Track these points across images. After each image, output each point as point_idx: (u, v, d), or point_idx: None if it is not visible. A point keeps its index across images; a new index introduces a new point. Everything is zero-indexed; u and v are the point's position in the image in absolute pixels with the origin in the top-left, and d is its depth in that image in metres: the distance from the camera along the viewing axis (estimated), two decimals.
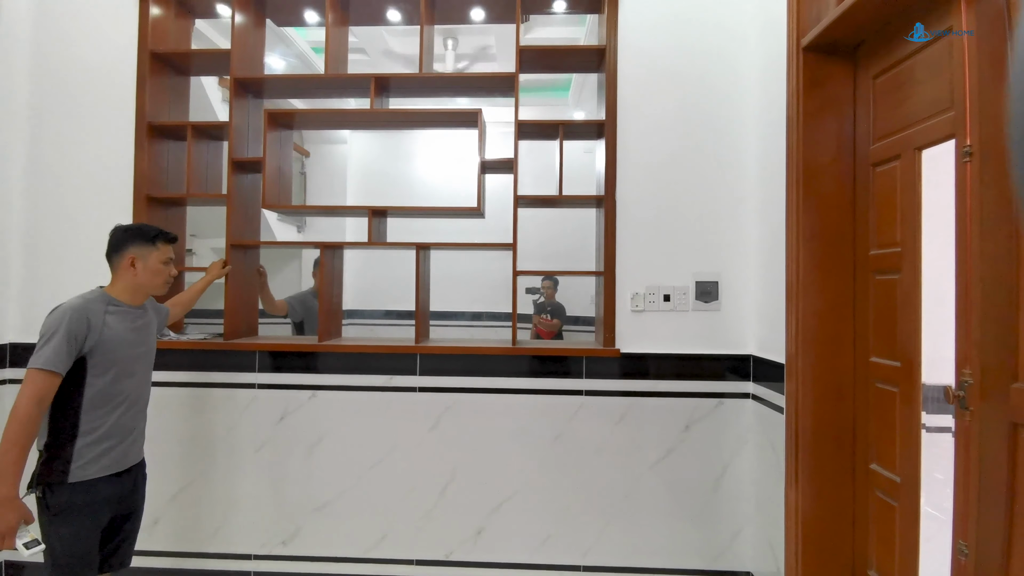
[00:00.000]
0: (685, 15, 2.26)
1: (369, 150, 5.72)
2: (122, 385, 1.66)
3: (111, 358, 1.62)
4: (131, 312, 1.72)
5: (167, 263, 1.77)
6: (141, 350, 1.74)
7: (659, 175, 2.25)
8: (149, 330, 1.80)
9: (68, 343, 1.53)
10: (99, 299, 1.66)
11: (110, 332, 1.62)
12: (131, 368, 1.69)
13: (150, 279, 1.73)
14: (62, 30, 2.40)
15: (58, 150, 2.39)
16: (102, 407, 1.62)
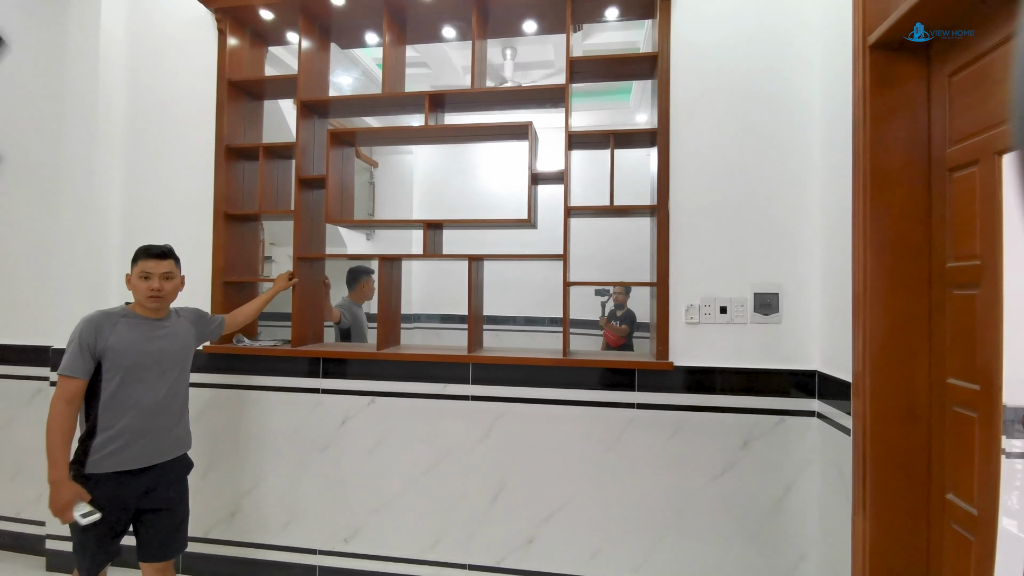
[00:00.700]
0: (741, 17, 2.17)
1: (433, 160, 5.89)
2: (131, 390, 1.82)
3: (118, 364, 1.80)
4: (148, 323, 1.89)
5: (145, 277, 1.86)
6: (156, 357, 1.88)
7: (715, 183, 2.18)
8: (174, 339, 1.95)
9: (82, 350, 1.76)
10: (118, 312, 1.87)
11: (117, 340, 1.80)
12: (140, 375, 1.84)
13: (134, 292, 1.88)
14: (154, 63, 2.64)
15: (150, 171, 2.63)
16: (114, 409, 1.80)
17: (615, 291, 4.57)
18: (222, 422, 2.53)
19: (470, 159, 5.77)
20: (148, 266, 1.88)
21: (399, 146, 5.80)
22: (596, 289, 4.56)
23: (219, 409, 2.53)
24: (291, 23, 2.62)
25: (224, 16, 2.55)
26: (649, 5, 2.38)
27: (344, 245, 4.88)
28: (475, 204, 5.51)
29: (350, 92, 4.53)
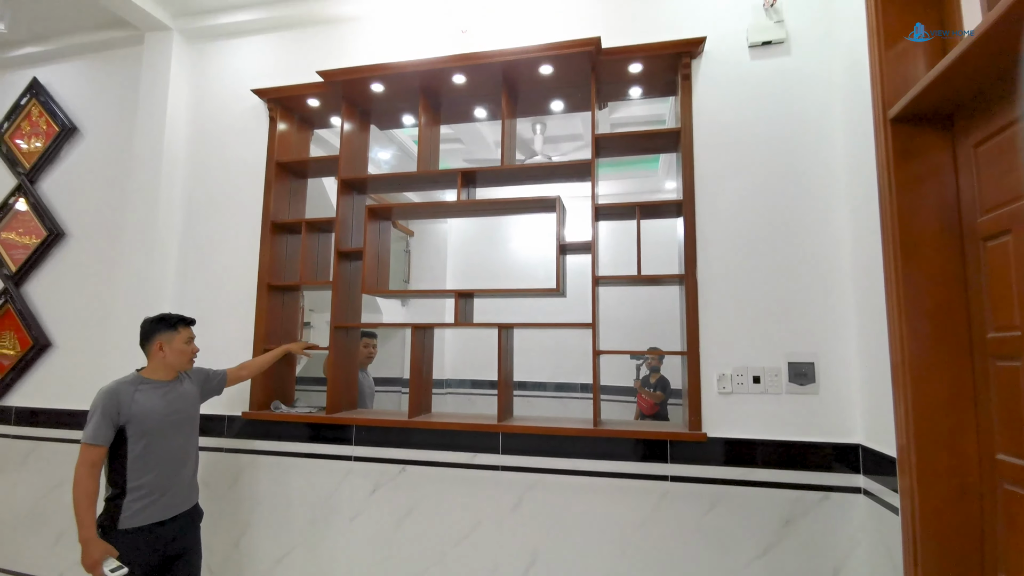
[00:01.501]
0: (763, 90, 2.25)
1: (467, 229, 6.08)
2: (156, 449, 1.99)
3: (143, 428, 1.96)
4: (161, 386, 2.06)
5: (189, 342, 2.12)
6: (173, 417, 2.05)
7: (743, 252, 2.19)
8: (185, 399, 2.13)
9: (104, 420, 1.91)
10: (132, 381, 2.02)
11: (138, 407, 1.97)
12: (165, 433, 2.01)
13: (177, 358, 2.08)
14: (210, 147, 2.88)
15: (201, 246, 2.82)
16: (142, 467, 1.95)
17: (649, 355, 4.49)
18: (258, 488, 2.56)
19: (502, 228, 5.94)
20: (191, 332, 2.13)
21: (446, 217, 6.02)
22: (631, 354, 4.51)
23: (255, 475, 2.57)
24: (335, 109, 2.83)
25: (275, 105, 2.78)
26: (671, 83, 2.50)
27: (380, 313, 5.01)
28: (507, 272, 5.61)
29: (388, 167, 4.79)
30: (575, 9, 2.52)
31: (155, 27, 2.88)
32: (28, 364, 2.95)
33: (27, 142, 3.18)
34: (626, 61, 2.39)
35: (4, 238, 3.12)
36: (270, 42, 2.88)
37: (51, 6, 2.87)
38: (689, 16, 2.38)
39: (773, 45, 2.25)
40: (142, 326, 2.09)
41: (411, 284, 5.90)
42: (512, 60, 2.39)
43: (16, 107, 3.22)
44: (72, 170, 3.11)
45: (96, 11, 2.89)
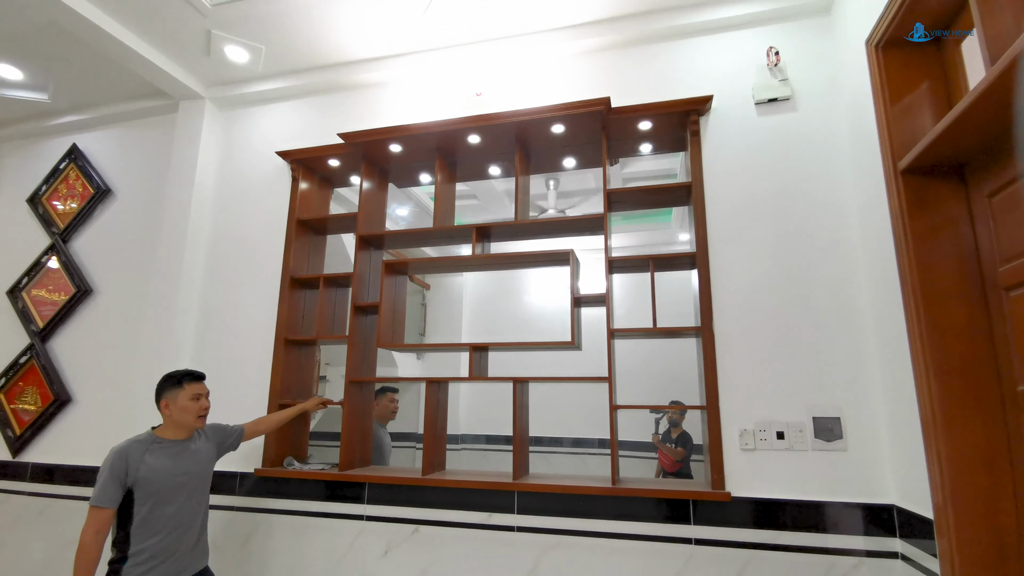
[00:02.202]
0: (772, 145, 2.29)
1: (482, 283, 6.13)
2: (162, 511, 1.92)
3: (150, 490, 1.90)
4: (174, 446, 2.01)
5: (196, 398, 2.04)
6: (182, 479, 1.99)
7: (761, 303, 2.17)
8: (197, 457, 2.07)
9: (112, 481, 1.85)
10: (144, 440, 1.97)
11: (147, 469, 1.91)
12: (171, 496, 1.94)
13: (182, 415, 2.02)
14: (234, 207, 2.99)
15: (222, 301, 2.87)
16: (147, 532, 1.88)
17: (670, 410, 4.36)
18: (269, 549, 2.49)
19: (517, 281, 5.98)
20: (197, 388, 2.07)
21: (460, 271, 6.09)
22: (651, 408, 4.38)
23: (266, 534, 2.51)
24: (354, 168, 2.94)
25: (298, 165, 2.89)
26: (681, 139, 2.56)
27: (396, 367, 5.00)
28: (522, 324, 5.61)
29: (406, 223, 4.90)
30: (586, 71, 2.62)
31: (189, 96, 3.05)
32: (47, 419, 2.98)
33: (63, 203, 3.33)
34: (635, 119, 2.46)
35: (34, 295, 3.22)
36: (294, 108, 3.03)
37: (92, 77, 3.07)
38: (697, 75, 2.46)
39: (779, 102, 2.30)
40: (157, 384, 2.07)
41: (427, 337, 5.91)
42: (525, 120, 2.48)
43: (55, 171, 3.39)
44: (104, 229, 3.23)
45: (134, 82, 3.07)
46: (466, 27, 2.61)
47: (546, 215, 4.64)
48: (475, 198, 4.75)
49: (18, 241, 3.39)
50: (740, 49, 2.42)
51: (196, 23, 2.59)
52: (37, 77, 3.09)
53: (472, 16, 2.54)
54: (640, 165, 4.39)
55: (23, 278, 3.27)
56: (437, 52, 2.75)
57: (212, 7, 2.51)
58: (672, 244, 4.99)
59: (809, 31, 2.34)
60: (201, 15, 2.54)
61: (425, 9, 2.49)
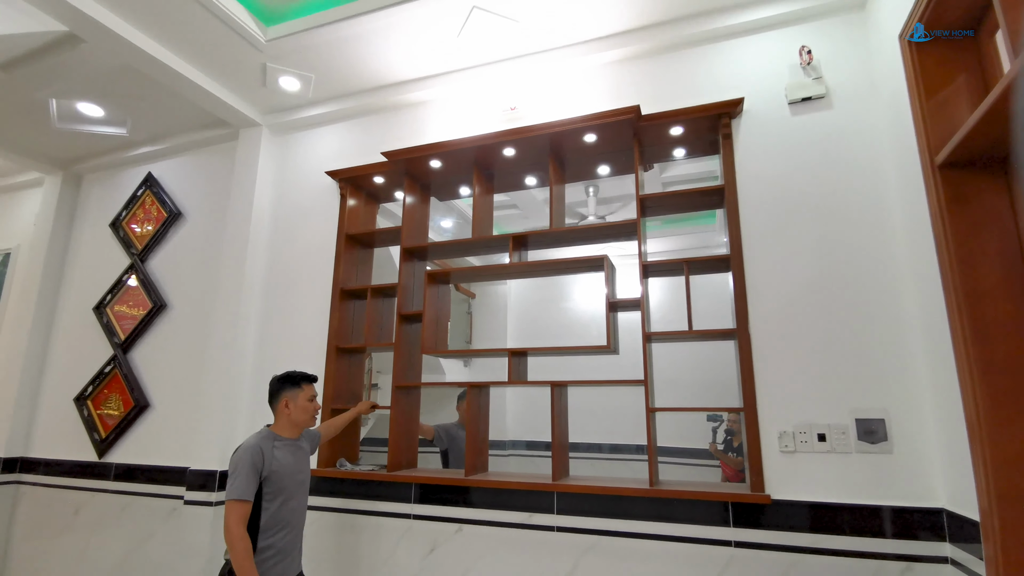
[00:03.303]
0: (807, 144, 2.27)
1: (525, 290, 6.22)
2: (288, 508, 2.02)
3: (279, 486, 2.00)
4: (291, 444, 2.12)
5: (312, 399, 2.17)
6: (300, 477, 2.11)
7: (798, 304, 2.15)
8: (306, 456, 2.21)
9: (252, 474, 1.93)
10: (268, 436, 2.06)
11: (278, 464, 2.01)
12: (294, 493, 2.06)
13: (301, 415, 2.14)
14: (289, 225, 3.20)
15: (279, 313, 3.08)
16: (272, 529, 1.97)
17: (728, 416, 4.24)
18: (325, 544, 2.64)
19: (559, 287, 6.03)
20: (312, 390, 2.21)
21: (502, 279, 6.22)
22: (708, 415, 4.29)
23: (322, 532, 2.66)
24: (398, 184, 3.09)
25: (346, 183, 3.08)
26: (714, 143, 2.57)
27: (443, 373, 5.15)
28: (564, 330, 5.65)
29: (451, 234, 5.05)
30: (617, 80, 2.68)
31: (247, 124, 3.30)
32: (129, 424, 3.27)
33: (141, 227, 3.66)
34: (667, 125, 2.49)
35: (116, 310, 3.54)
36: (341, 130, 3.22)
37: (163, 111, 3.37)
38: (727, 79, 2.47)
39: (813, 100, 2.28)
40: (270, 384, 2.19)
41: (473, 344, 6.04)
42: (557, 131, 2.56)
43: (133, 197, 3.73)
44: (176, 249, 3.52)
45: (199, 113, 3.35)
46: (498, 46, 2.72)
47: (586, 222, 4.68)
48: (516, 207, 4.85)
49: (103, 262, 3.74)
50: (771, 50, 2.41)
51: (253, 58, 2.82)
52: (116, 114, 3.42)
53: (503, 35, 2.64)
54: (681, 168, 4.37)
55: (107, 295, 3.60)
56: (472, 71, 2.87)
57: (267, 43, 2.72)
58: (717, 247, 4.93)
59: (842, 28, 2.31)
60: (257, 50, 2.76)
61: (459, 32, 2.61)
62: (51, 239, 3.86)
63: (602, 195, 4.74)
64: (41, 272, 3.79)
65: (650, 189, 3.79)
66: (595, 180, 4.48)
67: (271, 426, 2.15)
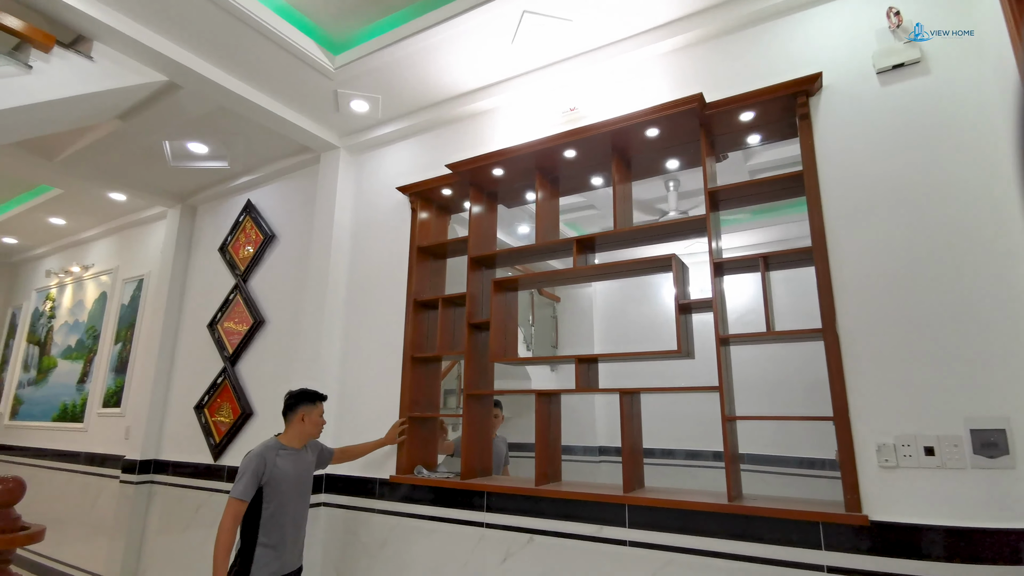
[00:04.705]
0: (901, 117, 2.00)
1: (610, 292, 6.07)
2: (285, 509, 2.29)
3: (278, 490, 2.28)
4: (294, 454, 2.39)
5: (322, 416, 2.49)
6: (300, 484, 2.37)
7: (894, 298, 1.90)
8: (308, 467, 2.46)
9: (253, 479, 2.22)
10: (273, 447, 2.34)
11: (278, 471, 2.29)
12: (292, 497, 2.32)
13: (312, 428, 2.45)
14: (366, 239, 3.37)
15: (360, 324, 3.24)
16: (272, 526, 2.25)
17: None
18: (402, 550, 2.73)
19: (646, 287, 5.82)
20: (323, 407, 2.50)
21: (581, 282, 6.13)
22: None
23: (401, 536, 2.75)
24: (466, 195, 3.14)
25: (416, 197, 3.17)
26: (791, 125, 2.35)
27: (529, 379, 5.15)
28: (651, 332, 5.43)
29: (529, 240, 5.05)
30: (679, 69, 2.54)
31: (327, 148, 3.52)
32: (237, 430, 3.59)
33: (242, 250, 4.02)
34: (736, 111, 2.31)
35: (225, 327, 3.91)
36: (410, 146, 3.33)
37: (256, 143, 3.68)
38: (803, 54, 2.25)
39: (906, 67, 2.01)
40: (287, 397, 2.45)
41: (559, 350, 5.98)
42: (617, 128, 2.47)
43: (236, 223, 4.11)
44: (272, 268, 3.83)
45: (286, 142, 3.62)
46: (553, 47, 2.68)
47: (667, 218, 4.48)
48: (593, 208, 4.75)
49: (214, 283, 4.15)
50: (851, 16, 2.17)
51: (325, 86, 3.00)
52: (217, 149, 3.78)
53: (557, 36, 2.60)
54: (770, 154, 4.05)
55: (217, 313, 3.99)
56: (530, 75, 2.86)
57: (335, 71, 2.88)
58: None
59: None
60: (328, 79, 2.93)
61: (512, 38, 2.60)
62: (173, 265, 4.35)
63: (684, 189, 4.51)
64: (167, 295, 4.29)
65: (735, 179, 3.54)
66: (675, 174, 4.28)
67: (279, 436, 2.41)
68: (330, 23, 2.76)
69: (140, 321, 4.66)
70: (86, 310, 5.39)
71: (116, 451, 4.30)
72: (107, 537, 3.99)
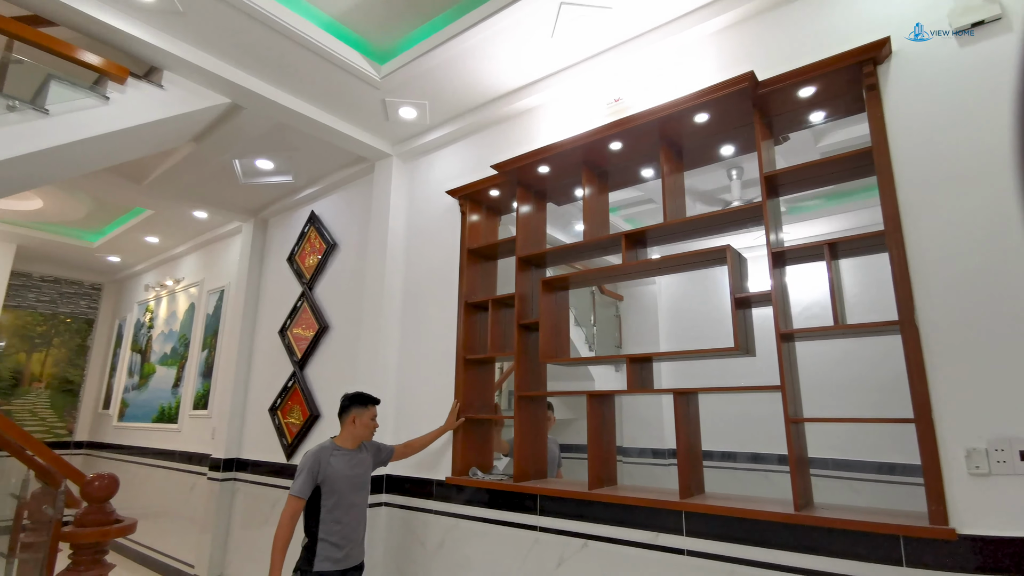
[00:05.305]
0: (983, 81, 1.77)
1: (676, 288, 5.85)
2: (343, 506, 2.39)
3: (334, 488, 2.38)
4: (348, 454, 2.49)
5: (373, 419, 2.56)
6: (355, 481, 2.46)
7: (982, 284, 1.68)
8: (363, 465, 2.54)
9: (308, 478, 2.35)
10: (328, 447, 2.46)
11: (332, 470, 2.39)
12: (348, 493, 2.41)
13: (363, 430, 2.53)
14: (419, 243, 3.42)
15: (415, 327, 3.29)
16: (331, 521, 2.36)
17: None
18: (458, 551, 2.74)
19: (712, 282, 5.55)
20: (375, 410, 2.57)
21: (641, 279, 5.95)
22: None
23: (457, 537, 2.76)
24: (514, 195, 3.11)
25: (465, 200, 3.19)
26: (857, 99, 2.14)
27: (592, 379, 5.05)
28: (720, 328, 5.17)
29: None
30: (728, 49, 2.39)
31: (380, 156, 3.61)
32: (306, 431, 3.75)
33: (308, 259, 4.21)
34: (793, 87, 2.14)
35: (294, 333, 4.11)
36: (458, 149, 3.36)
37: (316, 156, 3.85)
38: (864, 20, 2.05)
39: (987, 24, 1.78)
40: (342, 400, 2.55)
41: (623, 348, 5.83)
42: (664, 116, 2.36)
43: (302, 234, 4.31)
44: (334, 276, 3.98)
45: (342, 153, 3.75)
46: (594, 37, 2.60)
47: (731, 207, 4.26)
48: (652, 202, 4.59)
49: (284, 292, 4.37)
50: None
51: (373, 96, 3.08)
52: (282, 164, 3.98)
53: (597, 25, 2.52)
54: (842, 133, 3.75)
55: (287, 320, 4.20)
56: (572, 69, 2.80)
57: (382, 80, 2.95)
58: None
59: None
60: (375, 88, 3.01)
61: (552, 32, 2.55)
62: (248, 276, 4.63)
63: (749, 176, 4.26)
64: (243, 304, 4.57)
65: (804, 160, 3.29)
66: (736, 161, 4.05)
67: (335, 437, 2.51)
68: (374, 34, 2.83)
69: (222, 329, 4.99)
70: (178, 320, 5.85)
71: (204, 450, 4.63)
72: (198, 530, 4.30)
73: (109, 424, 6.50)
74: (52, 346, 6.93)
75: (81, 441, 6.86)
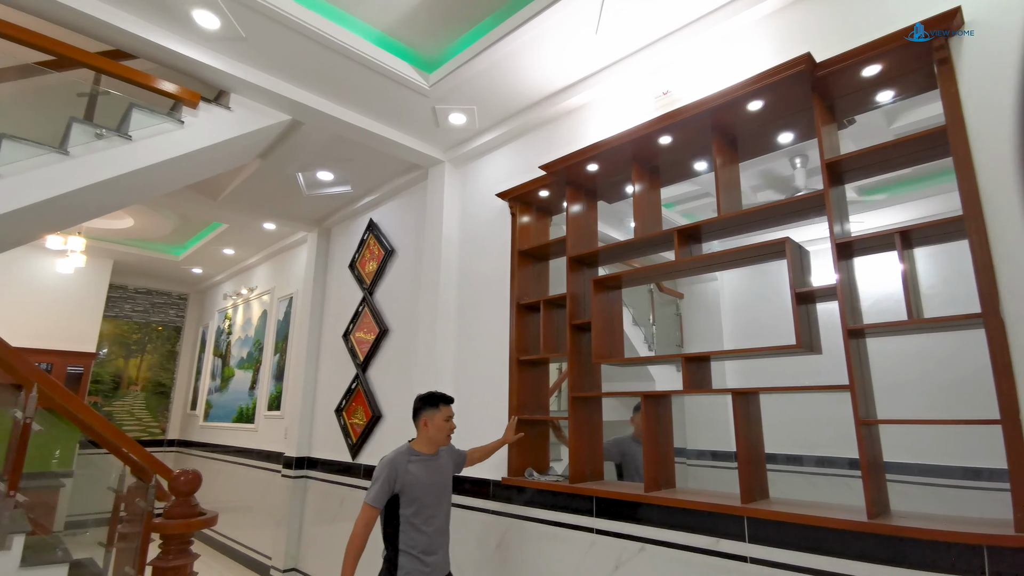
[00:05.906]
0: None
1: (738, 284, 5.62)
2: (424, 514, 2.26)
3: (413, 495, 2.25)
4: (427, 460, 2.35)
5: (448, 419, 2.40)
6: (435, 488, 2.32)
7: None
8: (443, 471, 2.40)
9: (384, 486, 2.21)
10: (405, 452, 2.33)
11: (411, 477, 2.26)
12: (429, 501, 2.27)
13: (436, 433, 2.37)
14: (472, 247, 3.47)
15: (470, 329, 3.34)
16: (412, 530, 2.23)
17: None
18: (515, 552, 2.75)
19: (776, 277, 5.29)
20: (449, 410, 2.44)
21: (701, 275, 5.76)
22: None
23: (514, 539, 2.78)
24: (563, 195, 3.10)
25: (515, 202, 3.20)
26: (928, 75, 1.99)
27: (652, 380, 4.94)
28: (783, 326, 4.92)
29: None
30: (782, 30, 2.28)
31: (433, 163, 3.69)
32: (369, 431, 3.89)
33: (368, 265, 4.36)
34: (855, 67, 2.01)
35: (356, 336, 4.27)
36: (508, 152, 3.38)
37: (372, 166, 3.99)
38: None
39: None
40: (414, 402, 2.49)
41: (685, 347, 5.66)
42: (715, 106, 2.27)
43: (362, 241, 4.47)
44: (392, 281, 4.11)
45: (398, 162, 3.87)
46: (639, 31, 2.55)
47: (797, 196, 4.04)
48: (709, 195, 4.43)
49: (347, 297, 4.55)
50: None
51: (423, 104, 3.15)
52: (341, 175, 4.15)
53: (642, 18, 2.47)
54: (918, 112, 3.47)
55: (350, 324, 4.37)
56: (618, 64, 2.75)
57: (430, 88, 3.02)
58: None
59: None
60: (425, 96, 3.08)
61: (596, 28, 2.52)
62: (314, 283, 4.86)
63: (813, 163, 4.04)
64: (310, 310, 4.79)
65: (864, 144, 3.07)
66: (800, 148, 3.85)
67: (412, 441, 2.39)
68: (421, 44, 2.90)
69: (291, 334, 5.26)
70: (253, 326, 6.22)
71: (278, 448, 4.90)
72: (274, 524, 4.55)
73: (196, 424, 7.00)
74: (146, 352, 7.55)
75: (173, 439, 7.43)
